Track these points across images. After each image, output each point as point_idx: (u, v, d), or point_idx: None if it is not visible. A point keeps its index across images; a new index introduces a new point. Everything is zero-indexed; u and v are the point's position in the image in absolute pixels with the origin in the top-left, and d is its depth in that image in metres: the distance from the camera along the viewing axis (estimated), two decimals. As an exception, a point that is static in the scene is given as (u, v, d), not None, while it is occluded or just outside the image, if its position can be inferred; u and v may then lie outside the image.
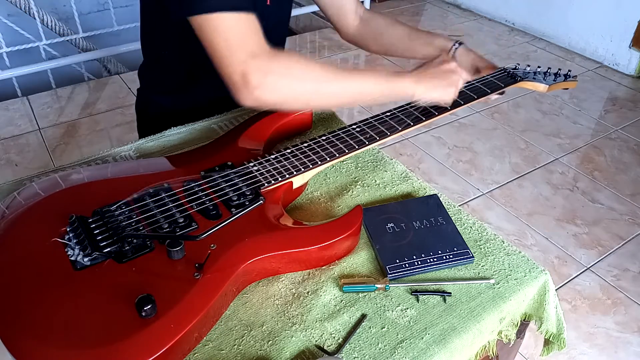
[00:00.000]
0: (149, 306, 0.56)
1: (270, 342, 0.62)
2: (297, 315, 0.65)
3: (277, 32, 1.06)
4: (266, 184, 0.75)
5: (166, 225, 0.67)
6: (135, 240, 0.64)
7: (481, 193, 2.05)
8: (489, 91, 0.93)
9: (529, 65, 1.02)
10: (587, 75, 2.89)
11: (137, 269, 0.62)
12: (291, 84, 0.74)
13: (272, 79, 0.71)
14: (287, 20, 1.11)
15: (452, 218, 0.79)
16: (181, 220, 0.68)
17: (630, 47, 2.85)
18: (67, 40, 2.53)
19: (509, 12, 3.41)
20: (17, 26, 2.42)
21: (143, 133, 1.10)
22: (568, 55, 3.08)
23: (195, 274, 0.61)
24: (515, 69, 1.01)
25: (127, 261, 0.63)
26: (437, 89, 0.85)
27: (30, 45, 2.39)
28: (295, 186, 0.78)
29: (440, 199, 0.82)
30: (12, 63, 2.37)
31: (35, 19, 2.40)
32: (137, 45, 2.57)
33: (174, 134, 0.96)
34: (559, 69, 1.03)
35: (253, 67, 0.71)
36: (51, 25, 2.48)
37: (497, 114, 2.49)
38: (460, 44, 1.05)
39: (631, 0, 2.75)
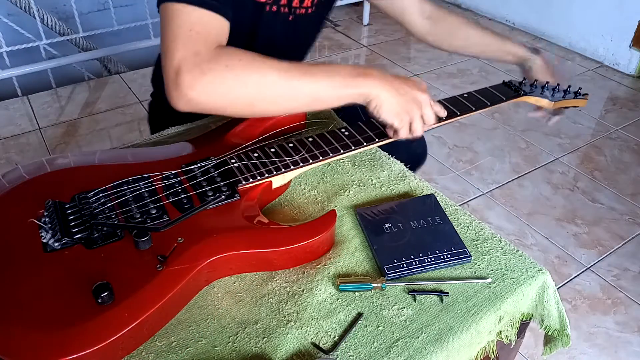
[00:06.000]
0: (106, 293, 0.57)
1: (265, 339, 0.62)
2: (292, 313, 0.65)
3: (295, 51, 1.03)
4: (244, 182, 0.74)
5: (138, 215, 0.68)
6: (105, 228, 0.65)
7: (481, 193, 2.05)
8: (489, 104, 0.91)
9: (536, 80, 1.01)
10: (588, 75, 2.89)
11: (104, 256, 0.63)
12: (230, 86, 0.67)
13: (209, 79, 0.65)
14: (314, 39, 1.08)
15: (450, 217, 0.79)
16: (154, 212, 0.69)
17: (630, 47, 2.85)
18: (67, 40, 2.53)
19: (509, 12, 3.40)
20: (17, 25, 2.42)
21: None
22: (568, 55, 3.08)
23: (158, 265, 0.62)
24: (522, 82, 1.00)
25: (96, 248, 0.64)
26: (395, 107, 0.75)
27: (30, 45, 2.39)
28: (275, 186, 0.78)
29: (438, 198, 0.82)
30: (12, 62, 2.38)
31: (35, 18, 2.40)
32: (138, 45, 2.60)
33: (173, 134, 0.96)
34: (569, 86, 1.01)
35: (190, 65, 0.65)
36: (51, 25, 2.48)
37: (498, 113, 2.49)
38: (537, 52, 1.03)
39: (632, 0, 2.75)
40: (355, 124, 0.85)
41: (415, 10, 1.08)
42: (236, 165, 0.77)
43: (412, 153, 0.90)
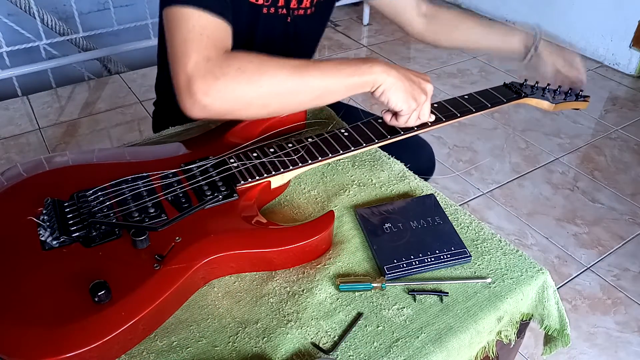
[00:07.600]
0: (103, 292, 0.57)
1: (265, 339, 0.62)
2: (293, 313, 0.65)
3: (296, 53, 1.03)
4: (242, 181, 0.74)
5: (136, 214, 0.68)
6: (103, 227, 0.65)
7: (481, 193, 2.05)
8: (489, 105, 0.91)
9: (537, 82, 1.00)
10: (588, 75, 2.87)
11: (102, 254, 0.63)
12: (244, 89, 0.67)
13: (222, 84, 0.66)
14: (316, 39, 1.07)
15: (450, 217, 0.79)
16: (152, 210, 0.69)
17: (630, 47, 2.85)
18: (68, 40, 2.53)
19: (510, 12, 3.40)
20: (17, 25, 2.42)
21: None
22: (569, 55, 3.08)
23: (155, 264, 0.62)
24: (522, 84, 0.99)
25: (94, 246, 0.64)
26: (403, 93, 0.76)
27: (30, 45, 2.39)
28: (274, 186, 0.78)
29: (438, 198, 0.82)
30: (12, 62, 2.37)
31: (35, 18, 2.40)
32: (138, 45, 2.60)
33: (173, 133, 0.96)
34: (570, 88, 1.00)
35: (202, 71, 0.65)
36: (51, 25, 2.47)
37: (497, 113, 2.49)
38: (540, 37, 1.01)
39: (631, 0, 2.75)
40: (355, 125, 0.85)
41: (413, 8, 1.08)
42: (235, 164, 0.77)
43: (420, 165, 0.90)
